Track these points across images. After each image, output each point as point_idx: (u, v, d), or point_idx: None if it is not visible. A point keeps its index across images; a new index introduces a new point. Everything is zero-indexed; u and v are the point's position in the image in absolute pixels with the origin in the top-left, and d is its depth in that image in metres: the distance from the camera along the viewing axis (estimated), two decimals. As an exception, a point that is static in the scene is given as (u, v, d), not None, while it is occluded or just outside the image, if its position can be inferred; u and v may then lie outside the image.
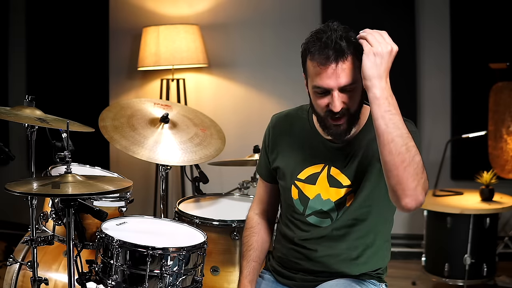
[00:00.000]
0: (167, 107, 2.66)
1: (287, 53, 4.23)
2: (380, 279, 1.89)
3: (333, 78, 1.62)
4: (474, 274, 3.36)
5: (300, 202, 1.85)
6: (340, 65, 1.61)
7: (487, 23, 3.95)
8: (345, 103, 1.67)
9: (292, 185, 1.85)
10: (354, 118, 1.72)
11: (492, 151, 3.70)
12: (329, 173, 1.80)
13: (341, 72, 1.62)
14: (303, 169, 1.84)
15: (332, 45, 1.60)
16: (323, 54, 1.62)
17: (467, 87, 4.05)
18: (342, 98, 1.65)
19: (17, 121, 2.00)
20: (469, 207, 3.40)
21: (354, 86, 1.65)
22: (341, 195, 1.79)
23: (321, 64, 1.62)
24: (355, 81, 1.64)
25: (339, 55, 1.61)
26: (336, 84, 1.63)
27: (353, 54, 1.62)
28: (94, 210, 1.93)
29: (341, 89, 1.64)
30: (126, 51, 4.47)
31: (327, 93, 1.66)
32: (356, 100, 1.69)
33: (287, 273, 1.91)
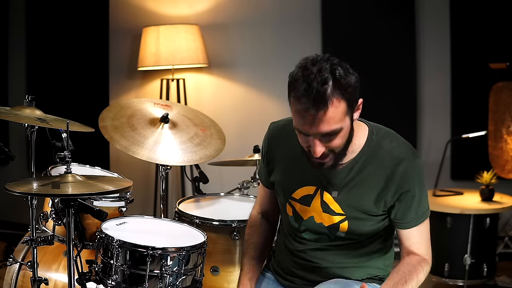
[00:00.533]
0: (167, 107, 2.66)
1: (287, 53, 4.23)
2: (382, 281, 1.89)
3: (312, 126, 1.55)
4: (474, 274, 3.36)
5: (295, 220, 1.84)
6: (321, 114, 1.52)
7: (487, 23, 3.95)
8: (328, 146, 1.60)
9: (287, 203, 1.84)
10: (340, 155, 1.65)
11: (492, 151, 3.70)
12: (322, 199, 1.76)
13: (320, 121, 1.53)
14: (297, 188, 1.80)
15: (313, 93, 1.51)
16: (302, 101, 1.53)
17: (467, 87, 4.05)
18: (324, 142, 1.59)
19: (17, 121, 2.00)
20: (469, 207, 3.40)
21: (337, 131, 1.57)
22: (333, 221, 1.77)
23: (302, 109, 1.54)
24: (337, 127, 1.56)
25: (320, 104, 1.51)
26: (316, 131, 1.56)
27: (339, 96, 1.53)
28: (94, 210, 1.93)
29: (322, 135, 1.57)
30: (126, 51, 4.47)
31: (308, 135, 1.59)
32: (341, 141, 1.61)
33: (287, 276, 1.92)
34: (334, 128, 1.56)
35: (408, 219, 1.73)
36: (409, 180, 1.68)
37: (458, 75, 4.08)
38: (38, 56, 4.57)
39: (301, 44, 4.17)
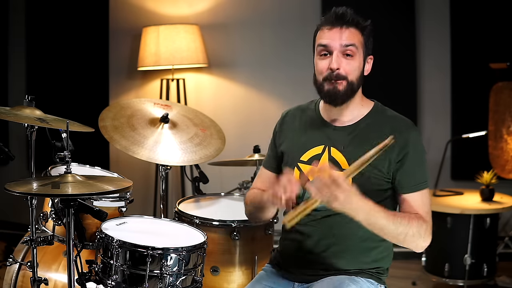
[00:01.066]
0: (167, 107, 2.66)
1: (287, 53, 4.23)
2: (380, 280, 1.89)
3: (337, 38, 1.79)
4: (474, 274, 3.36)
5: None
6: (344, 29, 1.79)
7: (487, 23, 3.95)
8: (344, 69, 1.80)
9: (295, 167, 1.90)
10: (351, 89, 1.82)
11: (492, 151, 3.70)
12: (330, 155, 1.86)
13: (344, 33, 1.79)
14: (306, 151, 1.90)
15: (339, 15, 1.80)
16: (330, 19, 1.82)
17: (467, 87, 4.05)
18: (342, 62, 1.79)
19: (17, 121, 2.00)
20: (469, 207, 3.39)
21: (353, 51, 1.80)
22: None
23: (329, 26, 1.81)
24: (355, 45, 1.80)
25: (343, 22, 1.80)
26: (339, 42, 1.79)
27: (356, 28, 1.81)
28: (94, 210, 1.93)
29: (342, 52, 1.79)
30: (126, 51, 4.47)
31: (329, 55, 1.80)
32: (354, 70, 1.81)
33: (288, 266, 1.94)
34: (353, 42, 1.79)
35: (411, 183, 1.82)
36: (412, 145, 1.81)
37: (458, 75, 4.08)
38: (38, 56, 4.57)
39: (301, 44, 4.17)
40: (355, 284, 1.82)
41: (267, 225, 2.40)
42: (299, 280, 1.91)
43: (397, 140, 1.77)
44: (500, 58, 3.71)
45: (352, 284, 1.80)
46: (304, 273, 1.89)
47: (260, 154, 2.94)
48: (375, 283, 1.87)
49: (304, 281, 1.90)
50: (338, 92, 1.81)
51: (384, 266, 1.90)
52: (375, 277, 1.88)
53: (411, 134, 1.83)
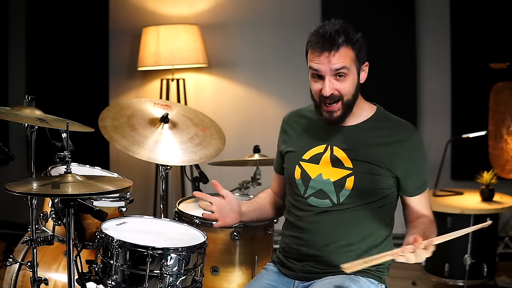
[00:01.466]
0: (167, 107, 2.66)
1: (287, 53, 4.23)
2: (380, 279, 1.89)
3: (326, 64, 1.81)
4: (474, 274, 3.36)
5: (302, 182, 1.92)
6: (333, 53, 1.80)
7: (487, 23, 3.95)
8: (338, 90, 1.82)
9: (297, 165, 1.94)
10: (348, 108, 1.86)
11: (492, 151, 3.70)
12: (332, 153, 1.89)
13: (332, 58, 1.80)
14: (308, 150, 1.94)
15: (327, 37, 1.80)
16: (318, 44, 1.82)
17: (467, 87, 4.05)
18: (334, 85, 1.82)
19: (17, 121, 2.00)
20: (469, 207, 3.39)
21: (345, 72, 1.81)
22: (341, 175, 1.86)
23: (317, 51, 1.82)
24: (346, 67, 1.80)
25: (332, 45, 1.79)
26: (328, 68, 1.80)
27: (347, 46, 1.81)
28: (94, 210, 1.93)
29: (334, 74, 1.81)
30: (126, 51, 4.47)
31: (321, 78, 1.83)
32: (349, 89, 1.83)
33: (289, 263, 1.95)
34: (343, 65, 1.80)
35: (415, 186, 1.89)
36: (417, 150, 1.87)
37: (458, 75, 4.08)
38: (38, 56, 4.57)
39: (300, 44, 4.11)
40: (356, 283, 1.82)
41: (267, 225, 2.40)
42: (300, 278, 1.92)
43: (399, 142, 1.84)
44: (500, 58, 3.70)
45: (353, 284, 1.81)
46: (305, 270, 1.90)
47: (260, 154, 2.94)
48: (376, 283, 1.88)
49: (304, 278, 1.91)
50: (335, 117, 1.86)
51: (384, 264, 1.90)
52: (375, 276, 1.88)
53: (415, 139, 1.88)
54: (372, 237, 1.88)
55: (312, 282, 1.88)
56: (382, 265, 1.90)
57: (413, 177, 1.88)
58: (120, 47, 4.47)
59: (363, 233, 1.87)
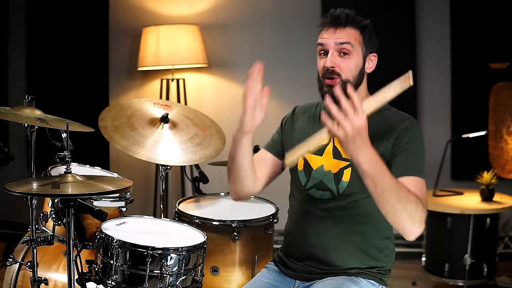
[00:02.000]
0: (167, 107, 2.66)
1: (287, 53, 4.23)
2: (381, 281, 1.89)
3: (332, 36, 1.85)
4: (474, 274, 3.36)
5: (304, 173, 1.93)
6: (339, 29, 1.85)
7: (487, 23, 3.95)
8: (339, 67, 1.84)
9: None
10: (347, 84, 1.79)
11: (492, 151, 3.70)
12: (334, 144, 1.90)
13: (338, 32, 1.85)
14: None
15: (334, 16, 1.87)
16: (326, 21, 1.88)
17: (467, 87, 4.05)
18: (336, 60, 1.84)
19: (17, 121, 2.00)
20: (469, 207, 3.39)
21: (349, 49, 1.84)
22: (340, 167, 1.87)
23: (326, 27, 1.88)
24: (350, 43, 1.84)
25: (338, 23, 1.85)
26: (333, 40, 1.84)
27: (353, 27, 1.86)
28: (94, 210, 1.93)
29: (338, 50, 1.84)
30: (126, 51, 4.47)
31: (326, 54, 1.86)
32: (350, 68, 1.84)
33: (290, 263, 1.95)
34: (347, 40, 1.83)
35: (408, 166, 1.80)
36: (409, 134, 1.84)
37: (458, 75, 4.08)
38: (38, 56, 4.57)
39: (301, 44, 4.17)
40: (356, 285, 1.82)
41: (267, 225, 2.40)
42: (301, 278, 1.92)
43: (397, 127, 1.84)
44: (500, 58, 3.70)
45: (353, 285, 1.81)
46: (306, 271, 1.90)
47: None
48: (377, 284, 1.87)
49: (305, 279, 1.91)
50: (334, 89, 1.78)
51: (385, 266, 1.90)
52: (376, 278, 1.88)
53: (411, 124, 1.86)
54: (372, 236, 1.88)
55: (313, 282, 1.88)
56: (382, 267, 1.89)
57: (406, 157, 1.80)
58: (120, 47, 4.47)
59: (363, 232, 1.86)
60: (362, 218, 1.87)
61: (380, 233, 1.90)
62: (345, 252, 1.87)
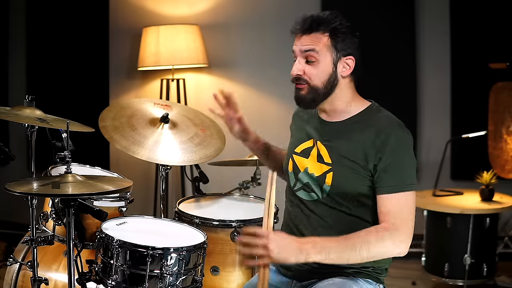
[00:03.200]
0: (167, 107, 2.66)
1: (287, 53, 4.16)
2: (378, 280, 1.89)
3: (297, 44, 1.87)
4: (474, 274, 3.36)
5: (293, 175, 1.95)
6: (305, 36, 1.85)
7: (487, 23, 3.95)
8: (306, 74, 1.84)
9: (290, 159, 1.97)
10: (316, 93, 1.84)
11: (492, 151, 3.70)
12: (317, 148, 1.91)
13: (303, 40, 1.85)
14: (300, 144, 1.96)
15: (301, 21, 1.88)
16: (294, 26, 1.90)
17: (467, 87, 4.05)
18: (303, 67, 1.84)
19: (17, 121, 2.00)
20: (469, 207, 3.40)
21: (314, 55, 1.82)
22: (322, 171, 1.86)
23: (293, 32, 1.90)
24: (315, 50, 1.82)
25: (304, 29, 1.86)
26: (298, 48, 1.85)
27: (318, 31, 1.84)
28: (94, 210, 1.94)
29: (304, 57, 1.84)
30: (126, 51, 4.47)
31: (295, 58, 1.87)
32: (317, 75, 1.83)
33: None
34: (312, 47, 1.82)
35: (386, 183, 1.75)
36: (395, 142, 1.76)
37: (458, 75, 4.08)
38: (38, 56, 4.57)
39: (301, 44, 4.17)
40: (356, 285, 1.82)
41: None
42: (298, 278, 1.91)
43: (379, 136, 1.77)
44: (500, 58, 3.70)
45: (354, 286, 1.81)
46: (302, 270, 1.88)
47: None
48: (374, 283, 1.87)
49: (302, 278, 1.90)
50: (301, 96, 1.86)
51: (381, 266, 1.89)
52: (373, 277, 1.87)
53: (395, 132, 1.78)
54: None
55: (311, 282, 1.87)
56: (379, 267, 1.89)
57: (387, 172, 1.75)
58: (120, 47, 4.47)
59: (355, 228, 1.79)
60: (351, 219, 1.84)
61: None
62: None
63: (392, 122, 1.81)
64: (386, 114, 1.86)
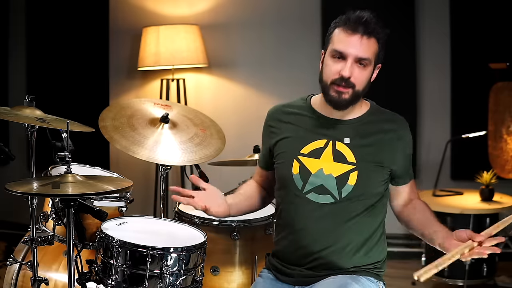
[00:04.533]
0: (167, 107, 2.66)
1: (287, 53, 4.23)
2: (378, 277, 1.89)
3: (355, 46, 1.78)
4: (474, 274, 3.36)
5: (300, 177, 1.88)
6: (365, 39, 1.79)
7: (487, 23, 3.95)
8: (355, 78, 1.80)
9: (294, 160, 1.89)
10: (356, 98, 1.84)
11: (492, 151, 3.70)
12: (335, 148, 1.87)
13: (363, 44, 1.78)
14: (306, 144, 1.90)
15: (363, 21, 1.80)
16: (354, 24, 1.80)
17: (467, 87, 4.05)
18: (354, 71, 1.79)
19: (17, 121, 2.00)
20: (469, 207, 3.40)
21: (367, 63, 1.80)
22: (344, 170, 1.84)
23: (350, 31, 1.79)
24: (369, 59, 1.80)
25: (366, 31, 1.79)
26: (355, 52, 1.78)
27: (377, 38, 1.81)
28: (94, 210, 1.94)
29: (356, 60, 1.79)
30: (126, 51, 4.47)
31: (343, 59, 1.79)
32: (363, 80, 1.82)
33: (286, 270, 1.92)
34: (368, 56, 1.79)
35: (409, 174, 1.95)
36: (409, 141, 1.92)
37: (458, 75, 4.08)
38: (38, 56, 4.57)
39: (301, 44, 4.17)
40: (358, 283, 1.82)
41: (267, 225, 2.40)
42: (299, 283, 1.89)
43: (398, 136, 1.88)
44: (500, 58, 3.70)
45: (355, 284, 1.81)
46: (304, 275, 1.88)
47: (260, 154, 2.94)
48: (375, 281, 1.88)
49: (304, 283, 1.89)
50: (343, 100, 1.82)
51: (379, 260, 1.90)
52: (373, 274, 1.88)
53: (408, 132, 1.92)
54: (372, 234, 1.88)
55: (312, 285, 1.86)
56: (378, 261, 1.90)
57: (406, 166, 1.93)
58: (120, 47, 4.47)
59: (364, 231, 1.86)
60: (361, 219, 1.86)
61: (377, 231, 1.90)
62: (345, 253, 1.86)
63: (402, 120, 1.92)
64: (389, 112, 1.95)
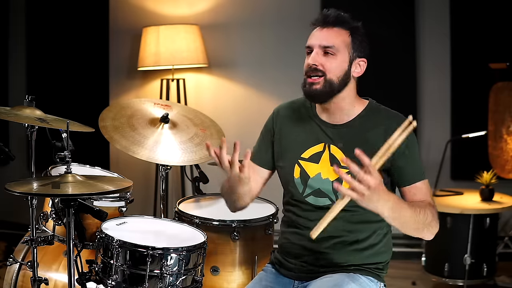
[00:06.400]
0: (167, 107, 2.66)
1: (287, 53, 4.23)
2: (379, 277, 1.89)
3: (317, 36, 1.87)
4: (474, 274, 3.36)
5: (301, 181, 1.91)
6: (326, 29, 1.86)
7: (487, 23, 3.95)
8: (323, 65, 1.83)
9: (296, 164, 1.92)
10: (330, 87, 1.84)
11: (492, 151, 3.70)
12: (330, 152, 1.88)
13: (323, 33, 1.85)
14: (307, 148, 1.92)
15: (323, 15, 1.88)
16: (316, 20, 1.90)
17: (467, 87, 4.05)
18: (320, 59, 1.84)
19: (17, 121, 2.00)
20: (469, 207, 3.40)
21: (334, 51, 1.83)
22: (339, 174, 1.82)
23: (313, 26, 1.90)
24: (335, 47, 1.83)
25: (326, 23, 1.86)
26: (318, 41, 1.85)
27: (342, 27, 1.86)
28: (94, 210, 1.94)
29: (322, 49, 1.84)
30: (126, 51, 4.47)
31: (311, 51, 1.87)
32: (334, 68, 1.83)
33: (288, 264, 1.94)
34: (332, 44, 1.83)
35: (416, 173, 1.86)
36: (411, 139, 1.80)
37: (458, 75, 4.08)
38: (38, 56, 4.57)
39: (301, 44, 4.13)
40: (355, 282, 1.82)
41: (267, 225, 2.40)
42: (299, 278, 1.91)
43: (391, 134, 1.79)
44: (500, 58, 3.71)
45: (352, 283, 1.81)
46: (304, 270, 1.90)
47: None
48: (375, 281, 1.88)
49: (304, 278, 1.90)
50: (314, 90, 1.84)
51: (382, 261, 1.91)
52: (374, 274, 1.89)
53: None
54: (373, 234, 1.88)
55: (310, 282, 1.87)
56: (380, 262, 1.90)
57: (413, 165, 1.86)
58: (120, 47, 4.47)
59: (364, 230, 1.87)
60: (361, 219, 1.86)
61: (378, 230, 1.90)
62: (344, 251, 1.87)
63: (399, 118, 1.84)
64: (388, 110, 1.92)
